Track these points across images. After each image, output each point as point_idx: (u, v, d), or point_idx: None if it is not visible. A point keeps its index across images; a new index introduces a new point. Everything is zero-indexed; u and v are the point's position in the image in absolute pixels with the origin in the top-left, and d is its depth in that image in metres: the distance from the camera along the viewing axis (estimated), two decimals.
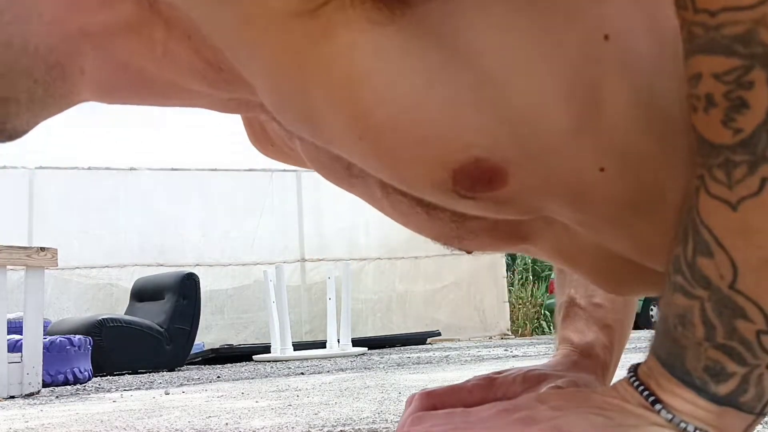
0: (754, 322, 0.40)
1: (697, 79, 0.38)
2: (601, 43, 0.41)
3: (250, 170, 6.87)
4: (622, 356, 0.72)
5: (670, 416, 0.43)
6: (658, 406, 0.44)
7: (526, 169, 0.43)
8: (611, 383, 0.64)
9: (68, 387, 3.02)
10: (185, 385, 2.78)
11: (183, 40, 0.45)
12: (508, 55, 0.40)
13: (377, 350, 5.26)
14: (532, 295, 8.08)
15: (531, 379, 0.63)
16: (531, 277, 8.52)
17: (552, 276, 8.32)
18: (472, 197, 0.44)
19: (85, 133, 5.85)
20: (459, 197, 0.44)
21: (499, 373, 0.66)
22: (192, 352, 4.65)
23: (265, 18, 0.40)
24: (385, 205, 0.53)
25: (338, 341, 5.01)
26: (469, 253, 0.57)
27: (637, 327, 7.37)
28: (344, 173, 0.52)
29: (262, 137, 0.61)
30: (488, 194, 0.44)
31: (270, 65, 0.42)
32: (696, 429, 0.43)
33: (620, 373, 0.58)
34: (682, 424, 0.43)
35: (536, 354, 3.55)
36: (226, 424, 1.30)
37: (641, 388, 0.45)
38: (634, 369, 0.47)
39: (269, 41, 0.41)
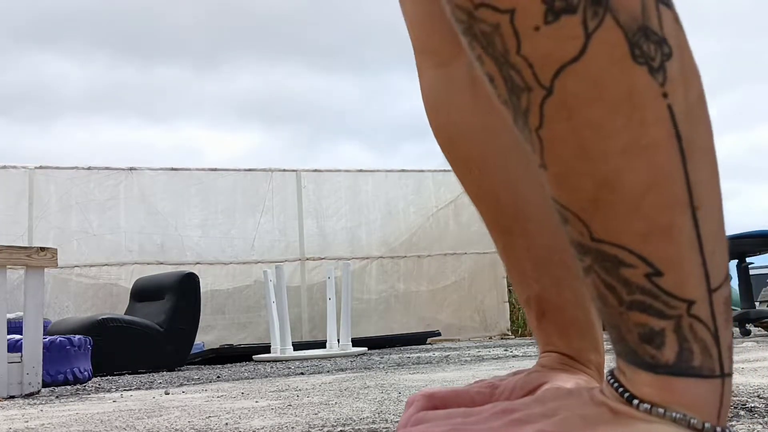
0: (635, 266, 0.40)
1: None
2: None
3: (250, 170, 6.87)
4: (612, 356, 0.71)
5: (647, 407, 0.43)
6: (634, 401, 0.43)
7: None
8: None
9: (68, 387, 3.02)
10: (185, 384, 2.78)
11: None
12: None
13: (377, 350, 5.26)
14: None
15: (531, 385, 0.63)
16: None
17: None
18: None
19: (85, 133, 5.85)
20: None
21: (501, 379, 0.66)
22: (192, 351, 4.65)
23: None
24: None
25: (338, 341, 5.01)
26: None
27: None
28: None
29: None
30: None
31: None
32: (675, 414, 0.42)
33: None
34: (660, 411, 0.42)
35: (536, 354, 3.55)
36: (226, 424, 1.30)
37: (616, 385, 0.45)
38: (612, 369, 0.47)
39: None
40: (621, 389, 0.45)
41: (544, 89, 0.39)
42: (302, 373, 3.01)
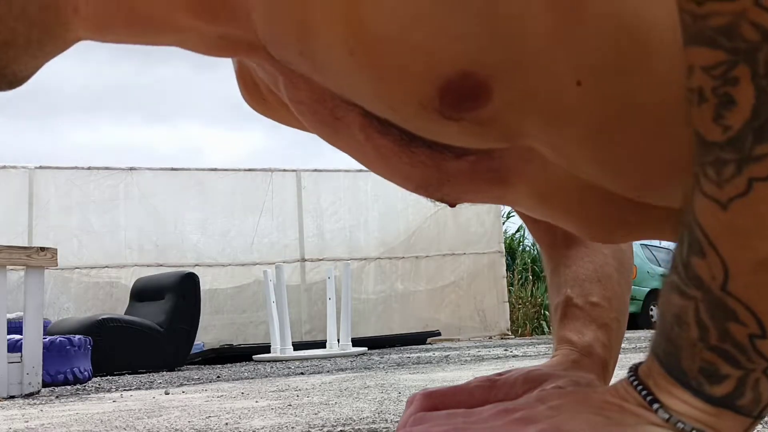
0: (746, 325, 0.40)
1: (690, 71, 0.38)
2: None
3: (250, 170, 6.87)
4: (623, 356, 0.72)
5: (667, 416, 0.43)
6: (655, 406, 0.43)
7: (508, 83, 0.43)
8: (611, 382, 0.64)
9: (68, 387, 3.02)
10: (185, 385, 2.78)
11: None
12: None
13: (377, 350, 5.26)
14: (531, 295, 8.08)
15: (532, 380, 0.63)
16: (531, 277, 8.52)
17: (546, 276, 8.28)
18: (457, 118, 0.45)
19: (85, 133, 5.85)
20: (444, 119, 0.45)
21: (500, 374, 0.66)
22: (192, 351, 4.65)
23: None
24: (368, 151, 0.53)
25: (338, 341, 5.01)
26: (451, 206, 0.57)
27: (637, 327, 7.38)
28: (328, 116, 0.52)
29: (253, 92, 0.61)
30: (472, 114, 0.44)
31: None
32: (693, 429, 0.42)
33: (619, 372, 0.58)
34: (680, 424, 0.43)
35: (536, 354, 3.55)
36: (226, 424, 1.30)
37: (640, 387, 0.45)
38: (635, 369, 0.47)
39: None
40: (645, 392, 0.44)
41: None
42: (302, 373, 3.00)
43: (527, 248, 9.37)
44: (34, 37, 0.46)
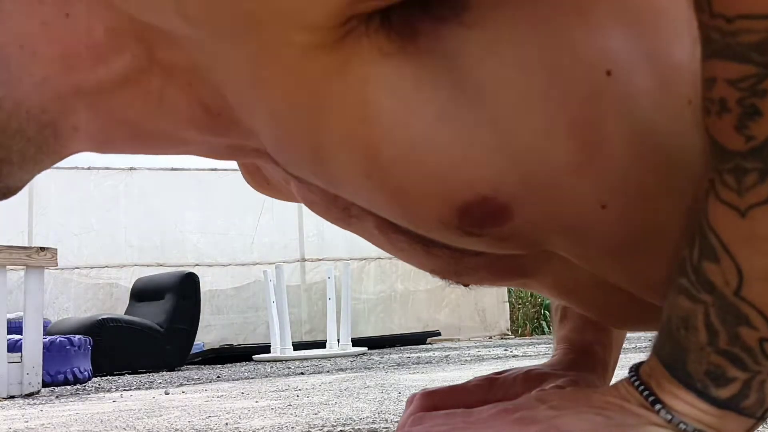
0: (758, 329, 0.40)
1: (711, 82, 0.38)
2: (603, 79, 0.41)
3: None
4: (623, 356, 0.72)
5: (669, 416, 0.43)
6: (657, 406, 0.44)
7: (530, 205, 0.43)
8: (611, 382, 0.64)
9: (68, 387, 3.02)
10: (185, 385, 2.78)
11: (182, 87, 0.45)
12: (516, 91, 0.40)
13: (377, 350, 5.26)
14: (532, 295, 8.07)
15: (532, 379, 0.63)
16: None
17: None
18: (479, 234, 0.45)
19: None
20: (464, 234, 0.45)
21: (499, 373, 0.66)
22: (192, 351, 4.65)
23: (284, 53, 0.39)
24: (383, 242, 0.53)
25: (338, 341, 5.01)
26: (465, 286, 0.58)
27: None
28: (341, 214, 0.52)
29: (257, 176, 0.61)
30: (493, 230, 0.44)
31: (280, 104, 0.42)
32: (695, 430, 0.43)
33: (620, 372, 0.58)
34: (682, 425, 0.43)
35: (536, 354, 3.55)
36: (226, 424, 1.30)
37: (642, 387, 0.45)
38: (636, 369, 0.47)
39: (283, 78, 0.40)
40: (647, 392, 0.44)
41: None
42: (302, 373, 3.00)
43: None
44: (30, 154, 0.45)
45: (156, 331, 4.31)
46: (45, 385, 2.86)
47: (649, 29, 0.42)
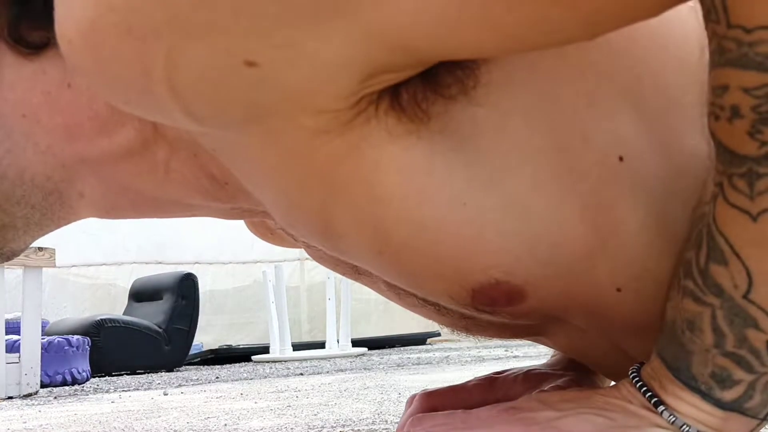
0: (766, 332, 0.40)
1: (723, 89, 0.38)
2: (616, 165, 0.41)
3: None
4: None
5: (672, 418, 0.43)
6: (660, 408, 0.43)
7: (543, 288, 0.43)
8: (612, 383, 0.64)
9: (66, 387, 3.01)
10: (184, 385, 2.77)
11: (188, 158, 0.44)
12: (528, 174, 0.40)
13: (377, 350, 5.26)
14: None
15: (532, 379, 0.63)
16: None
17: None
18: (491, 312, 0.45)
19: None
20: (476, 311, 0.46)
21: (499, 373, 0.65)
22: (191, 352, 4.64)
23: (292, 138, 0.39)
24: (393, 298, 0.54)
25: (338, 341, 5.00)
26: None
27: None
28: (350, 270, 0.53)
29: (261, 227, 0.61)
30: (506, 309, 0.45)
31: (289, 186, 0.41)
32: None
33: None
34: (685, 427, 0.43)
35: (536, 354, 3.55)
36: (225, 425, 1.29)
37: (644, 389, 0.45)
38: (637, 369, 0.46)
39: (292, 162, 0.40)
40: (650, 394, 0.44)
41: None
42: (301, 374, 3.00)
43: None
44: (35, 220, 0.46)
45: (155, 332, 4.30)
46: (43, 385, 2.85)
47: (661, 116, 0.42)
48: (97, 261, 6.23)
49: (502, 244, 0.41)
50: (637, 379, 0.46)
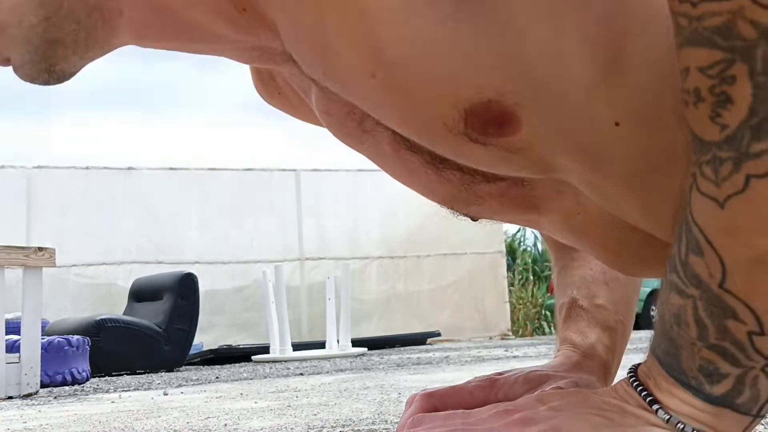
0: (745, 323, 0.40)
1: (685, 72, 0.37)
2: None
3: (249, 170, 6.86)
4: (624, 356, 0.72)
5: (667, 416, 0.43)
6: (655, 407, 0.44)
7: (539, 116, 0.42)
8: (611, 383, 0.64)
9: (66, 387, 3.01)
10: (184, 385, 2.77)
11: None
12: (527, 2, 0.39)
13: (377, 351, 5.26)
14: (532, 296, 8.07)
15: (532, 380, 0.63)
16: (531, 278, 8.51)
17: (552, 276, 8.26)
18: (483, 142, 0.44)
19: (83, 133, 5.85)
20: (470, 141, 0.44)
21: (500, 374, 0.65)
22: (191, 352, 4.64)
23: None
24: (394, 164, 0.52)
25: (338, 341, 5.00)
26: (474, 220, 0.57)
27: (637, 327, 7.37)
28: (356, 129, 0.51)
29: (269, 84, 0.61)
30: (500, 140, 0.44)
31: (293, 5, 0.42)
32: (693, 430, 0.42)
33: (621, 374, 0.58)
34: (680, 425, 0.43)
35: (537, 354, 3.55)
36: (225, 425, 1.29)
37: (640, 388, 0.45)
38: (634, 369, 0.47)
39: None
40: (645, 393, 0.44)
41: None
42: (301, 374, 3.00)
43: (528, 248, 9.36)
44: (81, 37, 0.47)
45: (155, 332, 4.30)
46: (43, 385, 2.85)
47: None
48: (97, 261, 6.23)
49: (495, 63, 0.40)
50: (633, 377, 0.46)
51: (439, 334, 6.49)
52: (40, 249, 2.66)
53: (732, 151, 0.37)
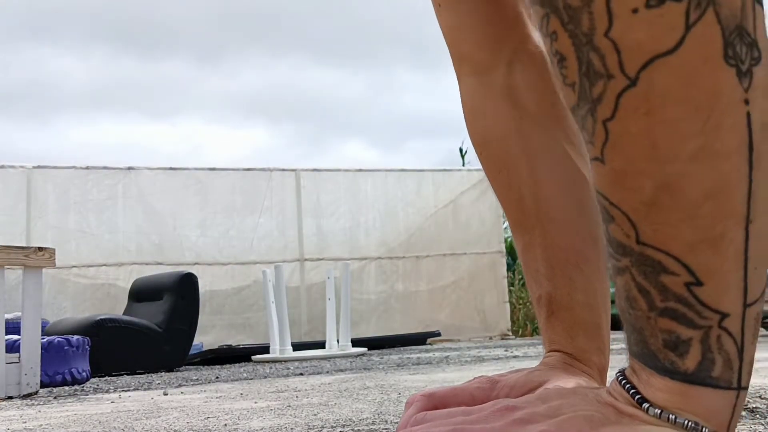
0: (677, 273, 0.39)
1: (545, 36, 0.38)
2: None
3: (249, 170, 6.86)
4: (621, 357, 0.71)
5: (657, 412, 0.43)
6: (645, 405, 0.43)
7: None
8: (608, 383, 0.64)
9: (66, 387, 3.01)
10: (184, 385, 2.77)
11: None
12: None
13: (377, 350, 5.26)
14: None
15: (533, 381, 0.63)
16: None
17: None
18: None
19: (83, 133, 5.85)
20: None
21: (501, 375, 0.65)
22: (190, 352, 4.64)
23: None
24: None
25: (337, 341, 5.00)
26: None
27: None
28: None
29: None
30: None
31: None
32: (686, 421, 0.42)
33: (611, 373, 0.58)
34: (671, 417, 0.42)
35: (537, 354, 3.55)
36: (225, 425, 1.29)
37: (628, 386, 0.45)
38: (623, 371, 0.47)
39: None
40: (633, 391, 0.44)
41: (627, 79, 0.36)
42: (301, 374, 3.00)
43: None
44: None
45: (154, 332, 4.30)
46: (43, 385, 2.85)
47: None
48: (97, 261, 6.23)
49: None
50: (621, 377, 0.46)
51: (439, 334, 6.49)
52: (40, 249, 2.66)
53: (585, 104, 0.37)
